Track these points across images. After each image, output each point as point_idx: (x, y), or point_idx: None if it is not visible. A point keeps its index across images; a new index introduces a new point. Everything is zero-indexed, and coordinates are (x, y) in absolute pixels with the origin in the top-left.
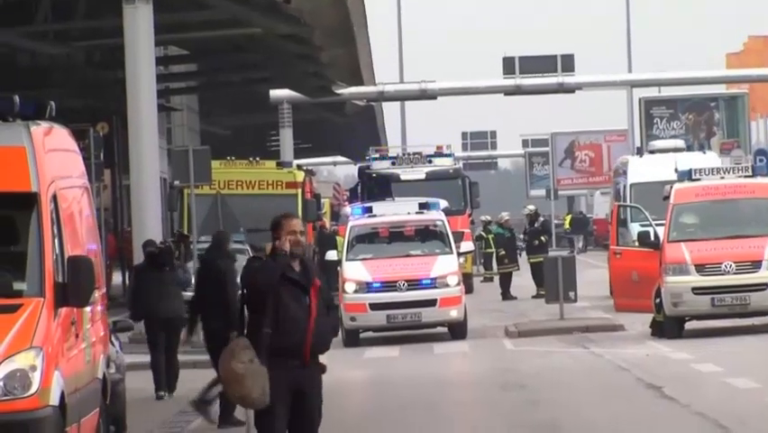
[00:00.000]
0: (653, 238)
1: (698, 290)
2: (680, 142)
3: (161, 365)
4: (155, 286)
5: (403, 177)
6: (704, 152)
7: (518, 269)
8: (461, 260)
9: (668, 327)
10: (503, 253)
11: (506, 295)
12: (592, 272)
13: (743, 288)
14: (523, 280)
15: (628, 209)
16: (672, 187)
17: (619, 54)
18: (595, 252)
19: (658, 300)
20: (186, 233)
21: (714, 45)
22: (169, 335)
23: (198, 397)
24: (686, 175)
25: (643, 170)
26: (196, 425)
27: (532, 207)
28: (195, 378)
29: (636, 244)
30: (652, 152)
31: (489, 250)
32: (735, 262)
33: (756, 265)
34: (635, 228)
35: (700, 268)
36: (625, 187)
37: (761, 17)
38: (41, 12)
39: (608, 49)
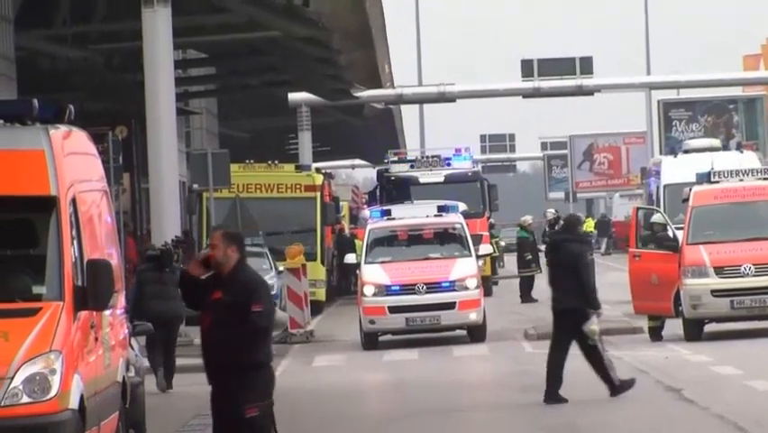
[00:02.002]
0: (672, 241)
1: (717, 293)
2: (715, 142)
3: (158, 363)
4: (155, 287)
5: (422, 180)
6: (741, 152)
7: (541, 272)
8: (480, 263)
9: (687, 329)
10: (530, 257)
11: (525, 297)
12: (612, 275)
13: (762, 290)
14: (541, 283)
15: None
16: (690, 189)
17: (638, 56)
18: (616, 254)
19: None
20: (184, 237)
21: (732, 47)
22: (167, 333)
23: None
24: (705, 177)
25: (677, 170)
26: None
27: (553, 211)
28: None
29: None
30: (686, 151)
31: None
32: (754, 265)
33: None
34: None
35: (719, 270)
36: (658, 188)
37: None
38: (59, 15)
39: (627, 51)
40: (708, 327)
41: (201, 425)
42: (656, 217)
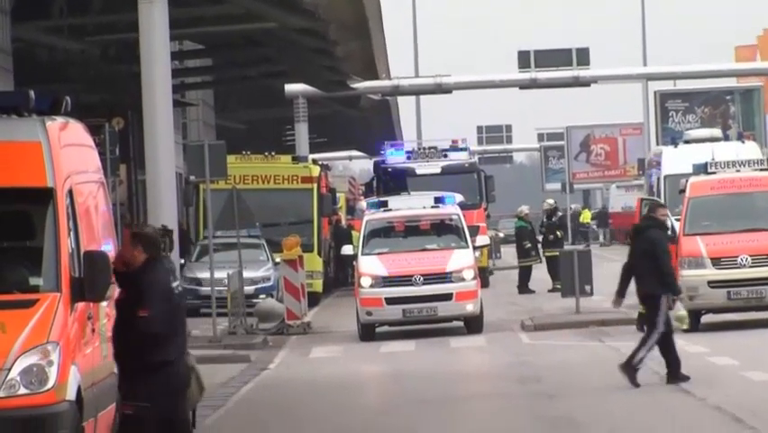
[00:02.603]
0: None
1: (713, 284)
2: (716, 132)
3: None
4: None
5: (418, 171)
6: (743, 142)
7: (540, 261)
8: (477, 254)
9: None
10: (529, 245)
11: (523, 288)
12: (609, 266)
13: (759, 281)
14: (538, 274)
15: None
16: (687, 180)
17: (634, 47)
18: (614, 246)
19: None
20: (170, 228)
21: (727, 39)
22: None
23: (626, 361)
24: (701, 168)
25: (677, 161)
26: (211, 421)
27: (551, 202)
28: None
29: None
30: (687, 141)
31: None
32: (750, 256)
33: None
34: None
35: (716, 261)
36: (658, 179)
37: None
38: (56, 6)
39: (624, 42)
40: (705, 318)
41: (199, 416)
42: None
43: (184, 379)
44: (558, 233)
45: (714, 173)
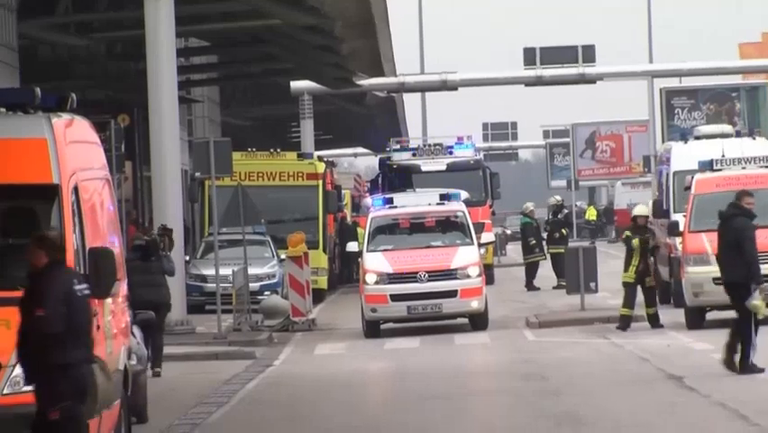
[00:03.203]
0: (681, 228)
1: (718, 281)
2: (727, 128)
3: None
4: (142, 276)
5: (424, 168)
6: (754, 138)
7: (545, 258)
8: (482, 251)
9: (689, 317)
10: (534, 242)
11: (530, 285)
12: (613, 263)
13: (764, 278)
14: (543, 271)
15: (672, 200)
16: (693, 177)
17: (640, 44)
18: (616, 244)
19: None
20: (169, 227)
21: (732, 35)
22: (155, 319)
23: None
24: (707, 165)
25: (687, 157)
26: (216, 417)
27: (558, 198)
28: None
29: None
30: (698, 137)
31: None
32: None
33: None
34: (679, 219)
35: None
36: (668, 175)
37: None
38: (62, 4)
39: (629, 39)
40: (711, 315)
41: (203, 413)
42: (638, 210)
43: (86, 383)
44: (564, 230)
45: (720, 170)
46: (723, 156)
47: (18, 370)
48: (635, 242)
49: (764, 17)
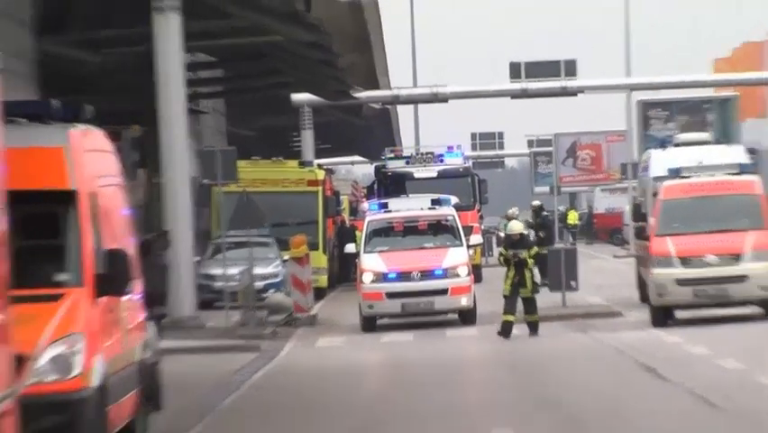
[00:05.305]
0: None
1: (681, 282)
2: (705, 135)
3: None
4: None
5: (416, 175)
6: (727, 144)
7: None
8: (471, 252)
9: (654, 315)
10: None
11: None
12: (593, 263)
13: (723, 279)
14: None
15: (649, 204)
16: (661, 184)
17: (619, 59)
18: (597, 244)
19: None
20: (166, 229)
21: (705, 50)
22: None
23: None
24: (675, 172)
25: (665, 163)
26: (227, 403)
27: (537, 203)
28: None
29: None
30: (677, 145)
31: None
32: (717, 255)
33: (737, 258)
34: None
35: (684, 260)
36: (647, 181)
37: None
38: (76, 21)
39: (609, 53)
40: (681, 313)
41: (215, 399)
42: (511, 227)
43: None
44: (540, 233)
45: (688, 177)
46: (701, 163)
47: (43, 361)
48: (514, 260)
49: (736, 34)
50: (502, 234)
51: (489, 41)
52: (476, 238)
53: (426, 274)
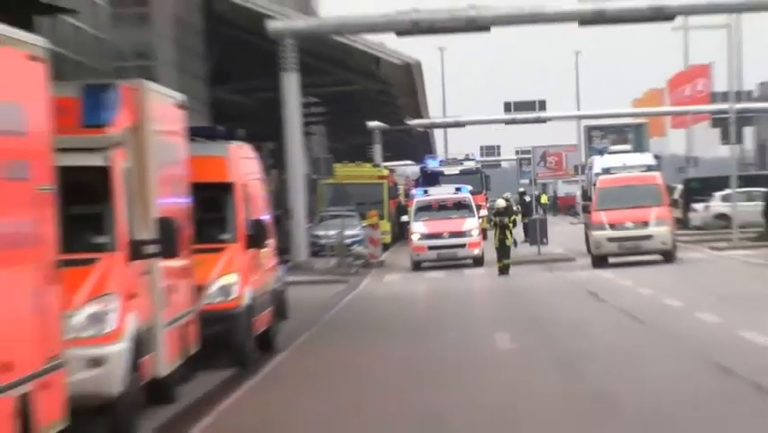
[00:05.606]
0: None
1: (610, 239)
2: (627, 147)
3: None
4: None
5: (446, 172)
6: (641, 153)
7: (516, 226)
8: (480, 220)
9: (594, 261)
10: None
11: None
12: (556, 228)
13: (637, 238)
14: (517, 231)
15: (590, 190)
16: (598, 177)
17: (572, 97)
18: (559, 216)
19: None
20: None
21: (627, 93)
22: None
23: None
24: (607, 170)
25: (602, 164)
26: (329, 316)
27: (521, 189)
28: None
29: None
30: (609, 153)
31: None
32: (632, 222)
33: (645, 224)
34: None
35: (612, 226)
36: (591, 176)
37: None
38: (234, 76)
39: (566, 93)
40: (615, 259)
41: (322, 313)
42: (497, 204)
43: None
44: (523, 209)
45: (615, 173)
46: (624, 165)
47: (212, 289)
48: (496, 223)
49: (647, 80)
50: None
51: (487, 80)
52: (483, 212)
53: (452, 234)
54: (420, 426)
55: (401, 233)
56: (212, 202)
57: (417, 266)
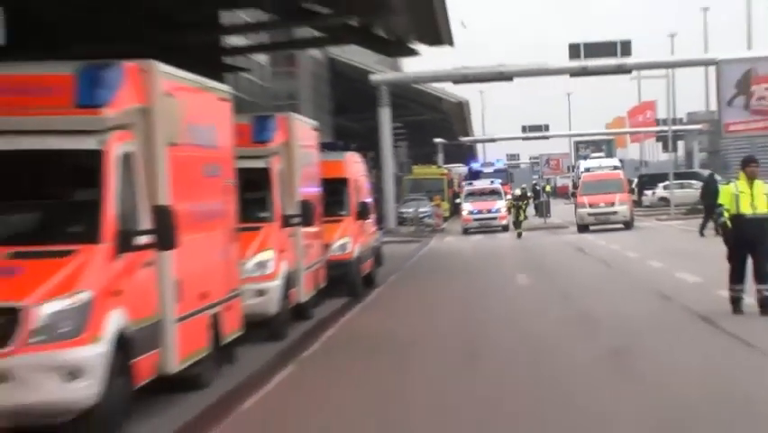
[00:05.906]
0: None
1: (590, 215)
2: (602, 154)
3: None
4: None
5: (484, 171)
6: (611, 157)
7: (529, 206)
8: (506, 202)
9: (578, 229)
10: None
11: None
12: (556, 207)
13: (607, 213)
14: (531, 210)
15: (579, 183)
16: (583, 174)
17: (566, 122)
18: (558, 199)
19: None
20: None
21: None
22: None
23: None
24: (587, 170)
25: (585, 165)
26: (410, 264)
27: (534, 182)
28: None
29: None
30: (591, 158)
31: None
32: (605, 203)
33: (612, 204)
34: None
35: (591, 205)
36: (579, 174)
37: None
38: (349, 109)
39: (562, 119)
40: (594, 228)
41: (404, 262)
42: (516, 192)
43: None
44: (531, 195)
45: (593, 171)
46: (599, 166)
47: (335, 246)
48: (514, 204)
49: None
50: (529, 194)
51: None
52: (508, 197)
53: (489, 211)
54: (470, 332)
55: (455, 210)
56: (335, 190)
57: (466, 231)
